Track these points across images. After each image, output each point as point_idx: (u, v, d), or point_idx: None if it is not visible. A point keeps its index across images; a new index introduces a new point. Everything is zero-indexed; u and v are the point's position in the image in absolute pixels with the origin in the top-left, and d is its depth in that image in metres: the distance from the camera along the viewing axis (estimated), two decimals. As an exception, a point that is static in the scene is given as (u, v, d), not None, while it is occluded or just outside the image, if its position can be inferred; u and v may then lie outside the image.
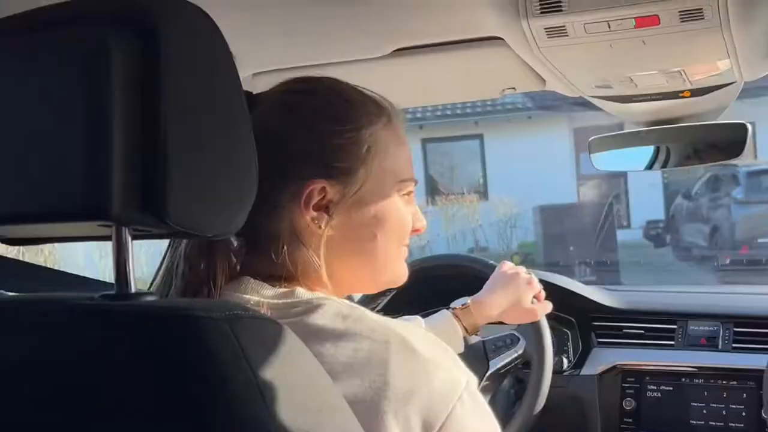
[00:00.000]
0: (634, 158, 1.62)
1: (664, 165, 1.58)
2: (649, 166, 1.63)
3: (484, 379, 1.58)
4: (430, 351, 0.82)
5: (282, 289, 0.88)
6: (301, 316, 0.84)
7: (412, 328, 0.85)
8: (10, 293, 0.72)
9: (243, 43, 1.24)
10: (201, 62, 0.65)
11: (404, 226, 0.95)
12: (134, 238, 0.65)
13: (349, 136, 0.90)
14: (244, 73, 1.37)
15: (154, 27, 0.62)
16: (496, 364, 1.59)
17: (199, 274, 0.88)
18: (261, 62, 1.34)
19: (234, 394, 0.58)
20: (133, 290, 0.63)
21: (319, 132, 0.90)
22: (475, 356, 1.60)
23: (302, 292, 0.87)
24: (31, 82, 0.63)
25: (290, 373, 0.63)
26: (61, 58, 0.61)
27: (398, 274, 0.98)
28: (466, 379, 0.84)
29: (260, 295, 0.87)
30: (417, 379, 0.80)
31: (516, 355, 1.61)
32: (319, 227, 0.89)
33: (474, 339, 1.63)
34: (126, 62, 0.60)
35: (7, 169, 0.62)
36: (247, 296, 0.87)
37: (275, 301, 0.86)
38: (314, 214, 0.89)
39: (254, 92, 0.96)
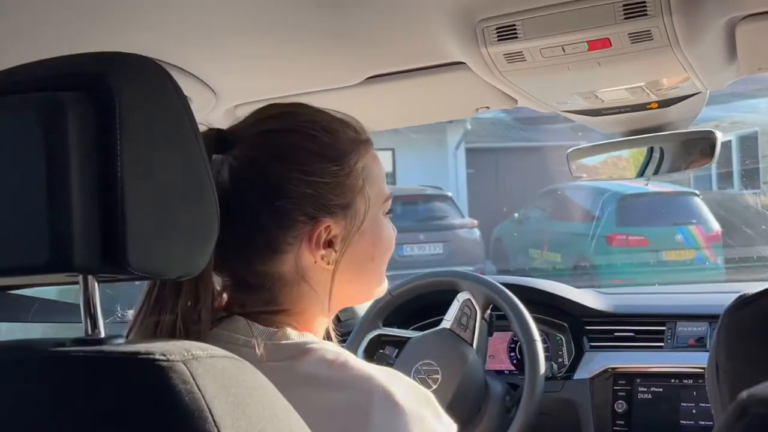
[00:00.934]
0: (613, 168, 1.66)
1: (641, 174, 1.62)
2: (627, 175, 1.67)
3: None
4: (411, 404, 0.83)
5: (273, 329, 0.89)
6: (290, 360, 0.86)
7: (394, 377, 0.86)
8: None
9: (224, 78, 1.30)
10: (155, 111, 0.69)
11: (392, 241, 0.99)
12: (100, 281, 0.69)
13: (345, 173, 0.92)
14: (227, 105, 1.42)
15: (106, 84, 0.66)
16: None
17: (186, 312, 0.88)
18: (242, 95, 1.40)
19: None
20: (102, 334, 0.68)
21: (313, 174, 0.90)
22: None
23: (292, 334, 0.89)
24: None
25: (253, 411, 0.65)
26: (20, 122, 0.65)
27: (385, 285, 1.02)
28: (446, 430, 0.86)
29: (252, 335, 0.88)
30: None
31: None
32: (328, 263, 0.91)
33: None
34: (81, 121, 0.64)
35: None
36: (238, 335, 0.88)
37: (267, 342, 0.87)
38: (323, 252, 0.91)
39: (238, 121, 0.97)
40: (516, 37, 1.11)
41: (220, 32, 1.15)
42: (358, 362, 0.86)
